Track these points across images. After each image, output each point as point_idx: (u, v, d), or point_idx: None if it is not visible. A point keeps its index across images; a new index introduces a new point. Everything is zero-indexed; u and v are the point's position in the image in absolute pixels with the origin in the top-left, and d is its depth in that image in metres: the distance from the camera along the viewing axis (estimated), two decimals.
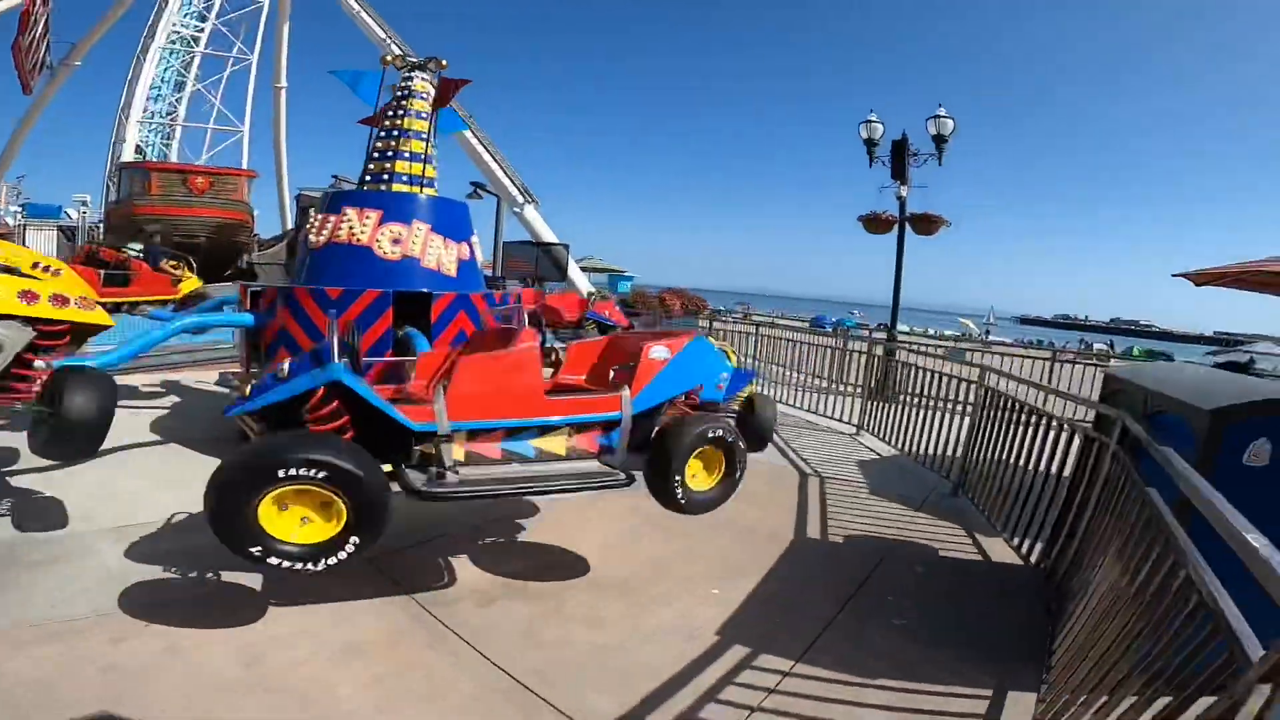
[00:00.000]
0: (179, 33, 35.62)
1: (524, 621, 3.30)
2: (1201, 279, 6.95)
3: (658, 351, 3.67)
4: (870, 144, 10.55)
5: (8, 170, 35.92)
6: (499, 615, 3.35)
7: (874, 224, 10.50)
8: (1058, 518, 3.93)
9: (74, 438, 3.31)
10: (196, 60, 36.40)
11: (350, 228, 5.34)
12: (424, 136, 5.89)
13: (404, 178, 5.71)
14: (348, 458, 2.77)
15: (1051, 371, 10.65)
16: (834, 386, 9.57)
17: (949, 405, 6.46)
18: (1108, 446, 3.45)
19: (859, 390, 9.09)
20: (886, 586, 3.89)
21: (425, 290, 5.32)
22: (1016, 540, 4.39)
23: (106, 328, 4.14)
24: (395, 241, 5.36)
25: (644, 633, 3.26)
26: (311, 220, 5.58)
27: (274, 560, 2.77)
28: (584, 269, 25.44)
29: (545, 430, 3.49)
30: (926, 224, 10.24)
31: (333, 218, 5.41)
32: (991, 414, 5.30)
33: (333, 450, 2.75)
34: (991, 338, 41.04)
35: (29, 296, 3.61)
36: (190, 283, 7.20)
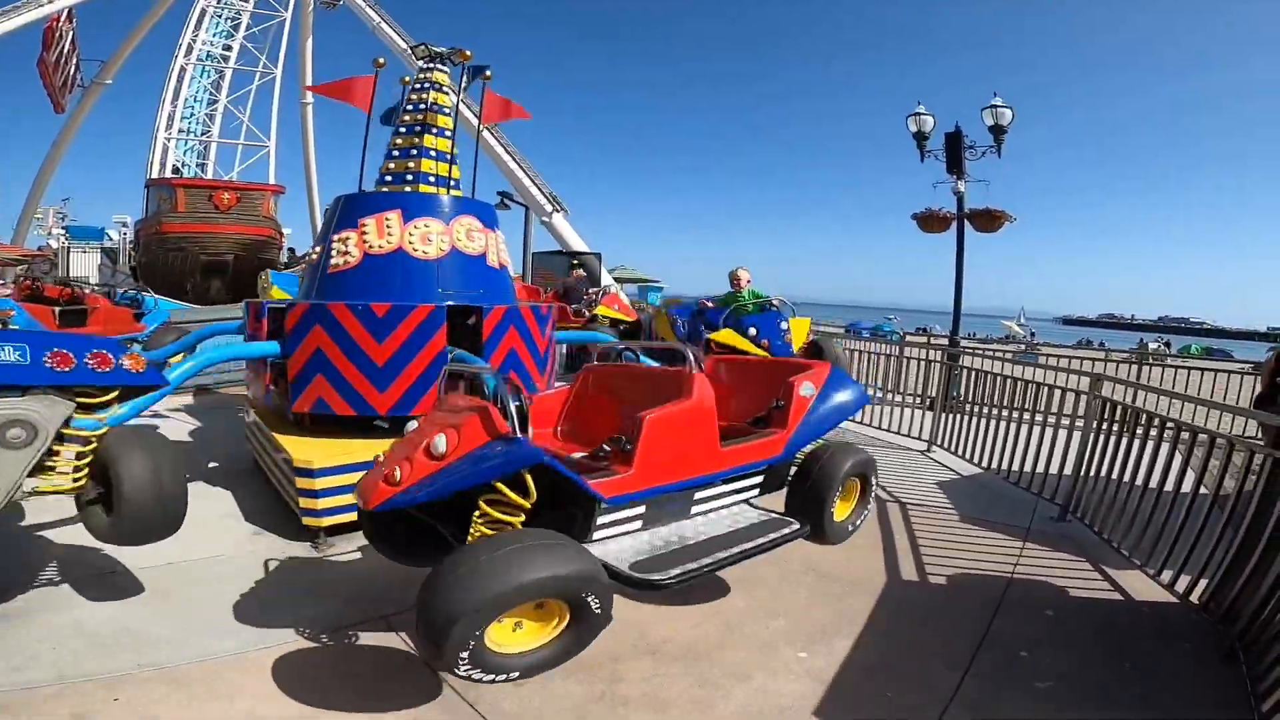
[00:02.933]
0: (209, 50, 36.28)
1: (572, 706, 2.65)
2: None
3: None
4: (920, 137, 9.81)
5: (45, 191, 36.94)
6: (541, 698, 2.69)
7: (930, 222, 9.73)
8: (1237, 551, 3.15)
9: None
10: (228, 76, 36.96)
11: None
12: (449, 135, 5.35)
13: (430, 178, 5.13)
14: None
15: (1153, 377, 9.70)
16: (889, 397, 8.80)
17: (1045, 417, 5.66)
18: None
19: (920, 401, 8.31)
20: (1015, 640, 3.15)
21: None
22: (1167, 574, 3.60)
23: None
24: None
25: (722, 716, 2.59)
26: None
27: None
28: (616, 278, 24.94)
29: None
30: (989, 220, 9.42)
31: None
32: (1110, 427, 4.51)
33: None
34: (1038, 340, 39.46)
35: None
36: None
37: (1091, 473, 4.63)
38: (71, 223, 37.56)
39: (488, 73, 5.63)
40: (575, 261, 14.68)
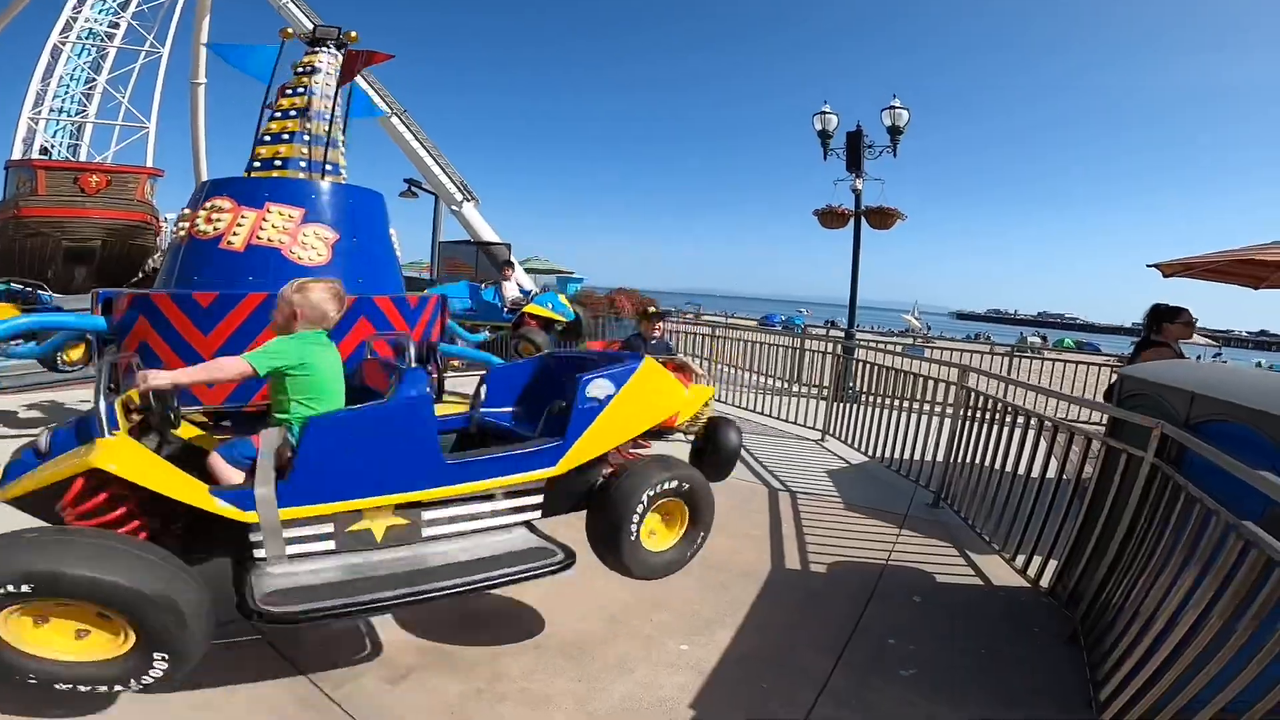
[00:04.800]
0: (91, 28, 33.57)
1: (447, 703, 2.59)
2: (1169, 270, 6.69)
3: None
4: (824, 136, 10.11)
5: None
6: (415, 694, 2.63)
7: (830, 218, 10.06)
8: (1076, 536, 3.42)
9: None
10: (111, 56, 34.37)
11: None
12: (326, 117, 5.08)
13: (300, 163, 4.87)
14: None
15: (1028, 369, 10.41)
16: (788, 388, 9.08)
17: (921, 407, 5.98)
18: (1139, 459, 2.95)
19: (818, 392, 8.62)
20: (884, 627, 3.31)
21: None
22: (1021, 559, 3.88)
23: None
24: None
25: (600, 713, 2.59)
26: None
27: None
28: (528, 270, 24.53)
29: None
30: (882, 217, 9.84)
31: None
32: (975, 417, 4.81)
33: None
34: (932, 333, 41.75)
35: None
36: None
37: (959, 460, 4.92)
38: None
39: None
40: (507, 261, 13.97)
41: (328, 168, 4.97)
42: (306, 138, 4.95)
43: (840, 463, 6.41)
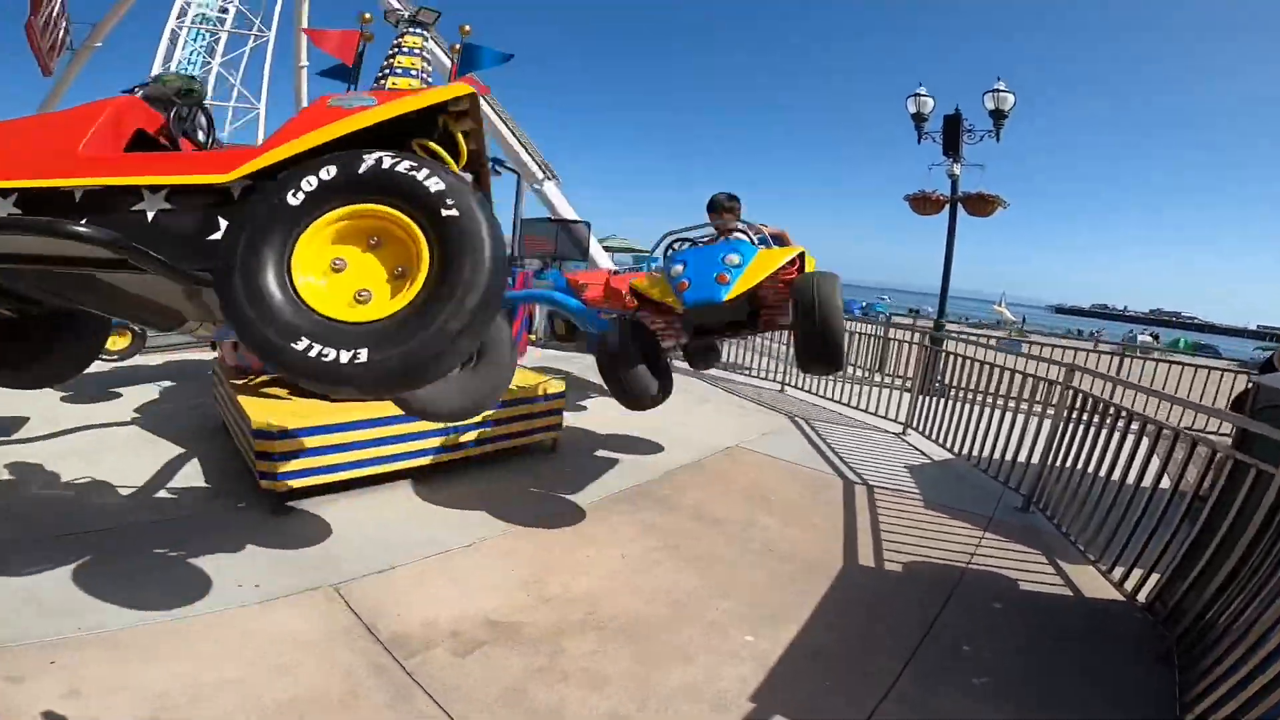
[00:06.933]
0: (204, 13, 35.75)
1: (510, 677, 2.64)
2: None
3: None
4: (919, 119, 9.61)
5: None
6: (480, 668, 2.68)
7: (923, 204, 9.58)
8: (1187, 550, 3.14)
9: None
10: (222, 40, 36.53)
11: None
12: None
13: None
14: None
15: (1139, 371, 9.68)
16: (871, 378, 8.76)
17: (1017, 405, 5.63)
18: (1269, 475, 2.67)
19: (904, 383, 8.29)
20: (960, 632, 3.15)
21: None
22: (1119, 572, 3.60)
23: None
24: None
25: (659, 697, 2.57)
26: None
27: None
28: (606, 248, 24.63)
29: None
30: (982, 204, 9.26)
31: None
32: (1081, 419, 4.47)
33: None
34: (1025, 327, 39.37)
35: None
36: None
37: (1057, 463, 4.61)
38: None
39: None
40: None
41: None
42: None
43: (922, 458, 6.14)
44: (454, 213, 1.78)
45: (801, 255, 4.01)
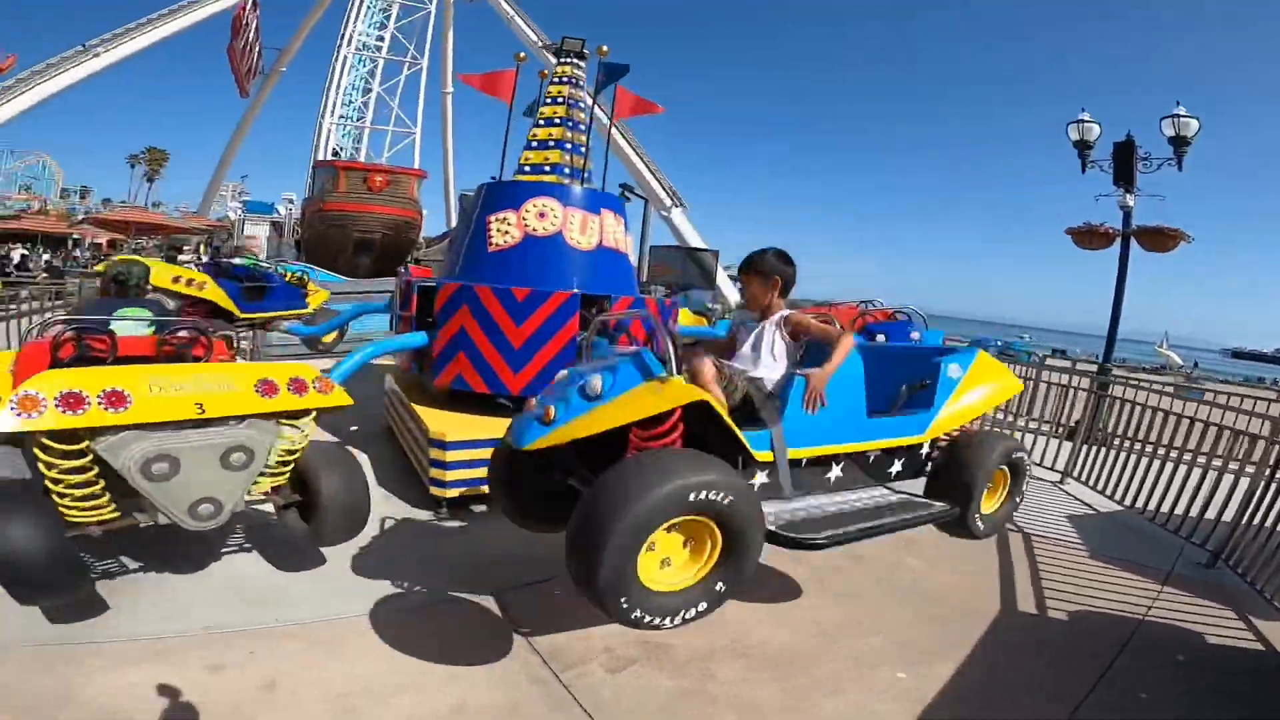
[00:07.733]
0: (364, 40, 39.77)
1: (661, 697, 2.73)
2: None
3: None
4: (1083, 146, 9.02)
5: (229, 169, 41.99)
6: (633, 685, 2.80)
7: (1088, 237, 8.86)
8: None
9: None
10: (380, 66, 40.44)
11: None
12: (583, 128, 5.63)
13: (565, 170, 5.39)
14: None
15: None
16: (1016, 422, 8.22)
17: (1194, 458, 5.14)
18: None
19: (1050, 429, 7.73)
20: (1136, 681, 2.92)
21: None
22: None
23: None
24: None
25: None
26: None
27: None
28: (732, 277, 24.77)
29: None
30: (1160, 239, 8.41)
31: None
32: None
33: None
34: (1197, 372, 35.03)
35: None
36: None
37: (1255, 522, 4.17)
38: (248, 198, 42.35)
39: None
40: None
41: (585, 176, 5.49)
42: (568, 146, 5.48)
43: (1084, 508, 5.70)
44: None
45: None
